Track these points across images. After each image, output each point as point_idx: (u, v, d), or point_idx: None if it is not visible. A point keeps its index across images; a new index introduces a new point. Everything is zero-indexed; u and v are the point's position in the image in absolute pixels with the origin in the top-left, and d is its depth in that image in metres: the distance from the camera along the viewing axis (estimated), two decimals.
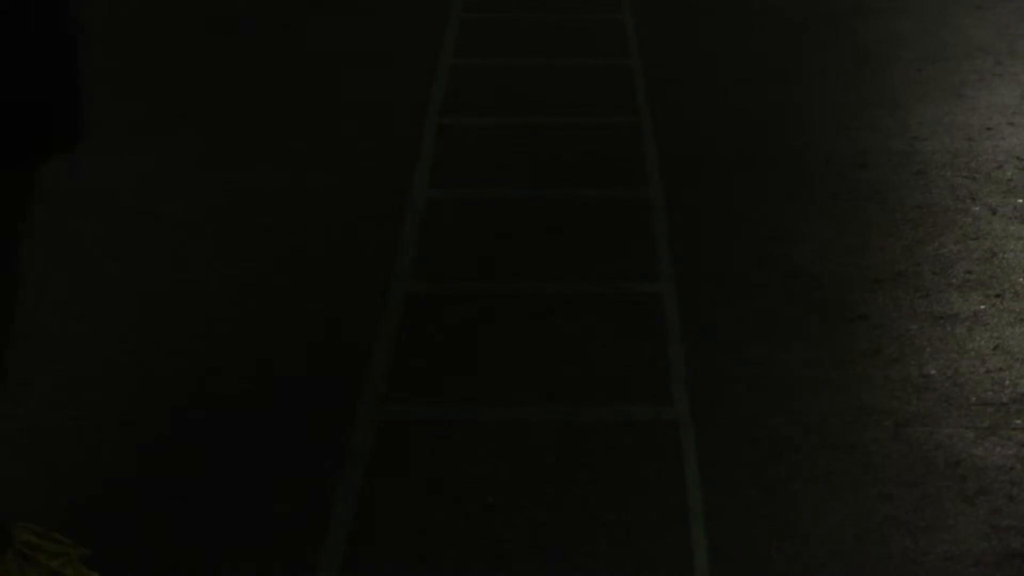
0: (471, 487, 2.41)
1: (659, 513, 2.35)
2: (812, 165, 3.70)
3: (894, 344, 2.87)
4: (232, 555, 2.24)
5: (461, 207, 3.45)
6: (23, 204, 2.08)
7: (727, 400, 2.68)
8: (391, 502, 2.37)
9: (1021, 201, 3.48)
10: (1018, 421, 2.61)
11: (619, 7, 4.86)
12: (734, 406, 2.66)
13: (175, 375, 2.74)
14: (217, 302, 3.01)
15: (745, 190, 3.57)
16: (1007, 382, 2.74)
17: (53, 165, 2.18)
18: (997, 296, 3.05)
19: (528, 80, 4.24)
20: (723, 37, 4.62)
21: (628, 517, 2.34)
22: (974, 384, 2.73)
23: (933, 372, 2.77)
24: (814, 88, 4.21)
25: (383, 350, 2.83)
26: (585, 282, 3.10)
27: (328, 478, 2.43)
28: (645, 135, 3.85)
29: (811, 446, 2.54)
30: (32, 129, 1.98)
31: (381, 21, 4.70)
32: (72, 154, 2.09)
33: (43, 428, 2.58)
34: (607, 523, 2.33)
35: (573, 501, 2.38)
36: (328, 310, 2.99)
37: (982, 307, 3.01)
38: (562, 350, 2.84)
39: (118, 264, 3.18)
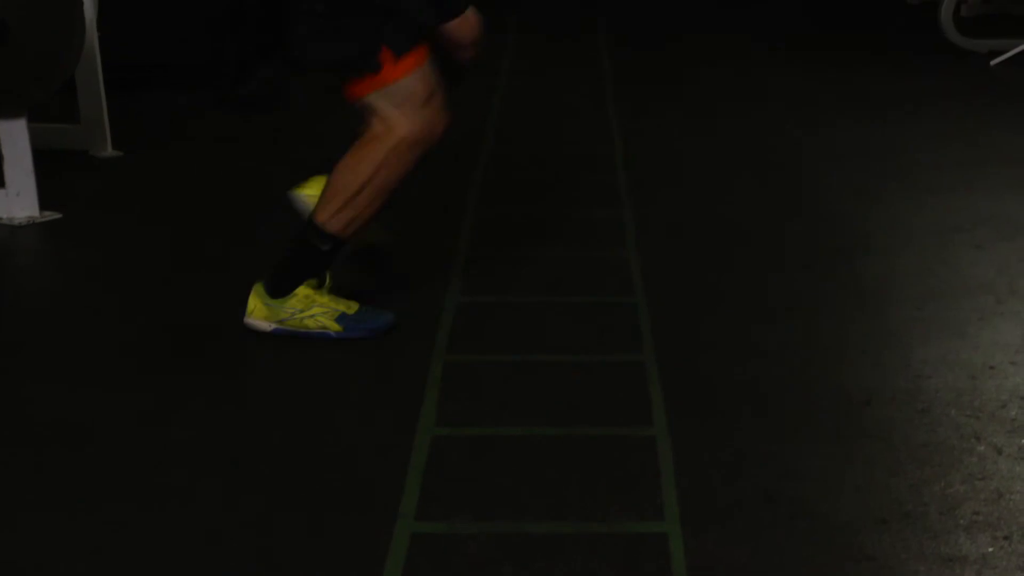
0: None
1: None
2: (816, 401, 3.71)
3: None
4: None
5: None
6: None
7: None
8: None
9: None
10: None
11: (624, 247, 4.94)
12: None
13: None
14: None
15: (750, 426, 3.58)
16: None
17: None
18: (1005, 538, 3.03)
19: None
20: (725, 273, 4.68)
21: None
22: None
23: None
24: (817, 324, 4.25)
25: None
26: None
27: None
28: (652, 378, 3.88)
29: None
30: None
31: None
32: None
33: None
34: None
35: None
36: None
37: (990, 549, 2.98)
38: None
39: None
